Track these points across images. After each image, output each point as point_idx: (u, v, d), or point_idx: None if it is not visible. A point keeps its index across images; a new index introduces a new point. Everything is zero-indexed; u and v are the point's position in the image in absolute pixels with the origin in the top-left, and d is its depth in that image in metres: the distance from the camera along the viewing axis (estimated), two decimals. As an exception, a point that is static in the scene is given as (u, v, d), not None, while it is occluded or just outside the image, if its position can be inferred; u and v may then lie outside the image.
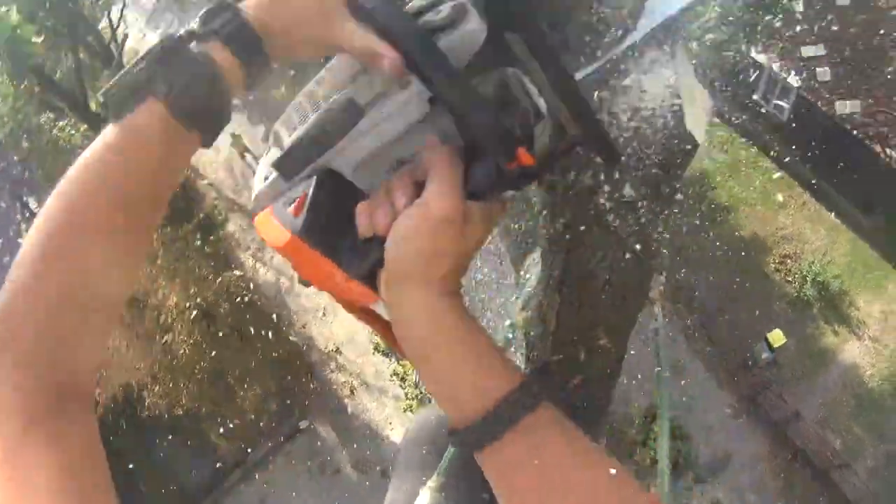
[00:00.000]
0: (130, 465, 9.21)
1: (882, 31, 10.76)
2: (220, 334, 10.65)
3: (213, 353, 10.42)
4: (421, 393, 10.64)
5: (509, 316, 1.77)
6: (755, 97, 12.23)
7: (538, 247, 1.54)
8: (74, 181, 0.70)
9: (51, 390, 0.67)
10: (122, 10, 12.32)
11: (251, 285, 12.02)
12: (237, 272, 11.91)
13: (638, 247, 1.24)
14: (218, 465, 10.91)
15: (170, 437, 10.66)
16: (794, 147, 11.96)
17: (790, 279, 11.37)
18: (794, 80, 11.07)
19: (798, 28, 10.96)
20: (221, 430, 10.49)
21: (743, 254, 11.57)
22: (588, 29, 1.02)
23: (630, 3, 1.07)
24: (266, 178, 0.82)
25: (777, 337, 10.18)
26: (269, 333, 11.00)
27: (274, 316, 11.55)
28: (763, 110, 12.26)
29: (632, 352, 1.90)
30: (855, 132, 10.60)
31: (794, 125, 11.83)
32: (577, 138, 0.78)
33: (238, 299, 11.21)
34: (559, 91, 0.73)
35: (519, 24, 0.72)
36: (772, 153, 12.37)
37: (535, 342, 1.75)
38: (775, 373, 10.58)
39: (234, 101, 0.79)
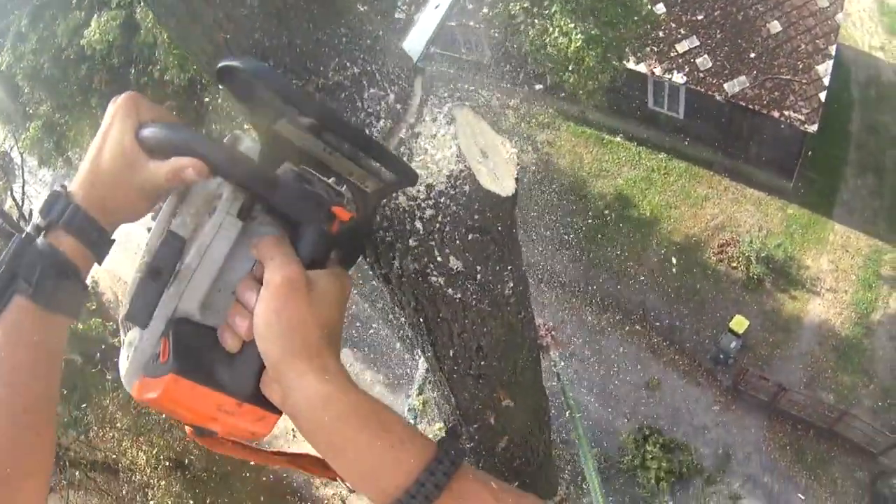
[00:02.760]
0: None
1: (745, 5, 11.31)
2: (197, 479, 10.30)
3: (193, 499, 10.06)
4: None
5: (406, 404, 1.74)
6: (649, 106, 12.60)
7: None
8: None
9: None
10: (23, 188, 12.40)
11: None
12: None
13: (489, 308, 1.23)
14: None
15: None
16: (699, 139, 12.34)
17: (735, 264, 11.50)
18: (678, 77, 11.47)
19: (665, 29, 11.43)
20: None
21: (682, 256, 11.72)
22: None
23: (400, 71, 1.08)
24: (127, 356, 0.82)
25: (739, 322, 10.21)
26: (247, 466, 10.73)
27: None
28: (661, 115, 12.62)
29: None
30: (750, 106, 10.98)
31: (692, 119, 12.25)
32: (377, 184, 0.86)
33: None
34: (351, 140, 0.80)
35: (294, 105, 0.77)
36: (680, 152, 12.69)
37: (447, 417, 1.73)
38: (749, 356, 10.61)
39: None
